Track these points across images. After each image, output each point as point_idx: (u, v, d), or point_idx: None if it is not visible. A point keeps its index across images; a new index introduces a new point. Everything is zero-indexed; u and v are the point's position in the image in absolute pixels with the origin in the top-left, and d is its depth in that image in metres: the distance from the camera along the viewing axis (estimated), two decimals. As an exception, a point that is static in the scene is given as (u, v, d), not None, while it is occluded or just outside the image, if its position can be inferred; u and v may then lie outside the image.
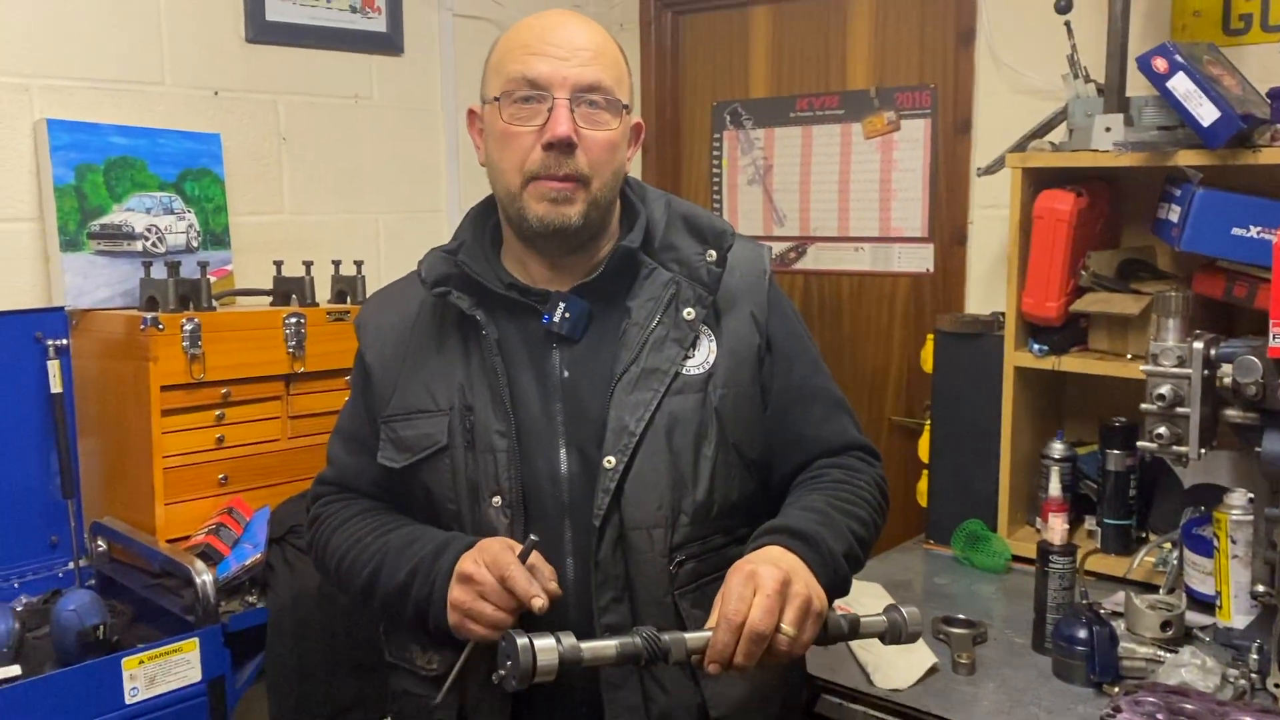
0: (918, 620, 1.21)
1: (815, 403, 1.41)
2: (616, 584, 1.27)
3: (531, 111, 1.28)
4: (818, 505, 1.30)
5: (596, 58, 1.30)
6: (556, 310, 1.32)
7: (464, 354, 1.35)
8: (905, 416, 2.84)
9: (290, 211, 2.61)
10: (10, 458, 2.11)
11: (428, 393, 1.35)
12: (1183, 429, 1.70)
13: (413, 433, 1.36)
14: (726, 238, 1.37)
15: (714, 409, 1.31)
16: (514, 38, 1.32)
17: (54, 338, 2.13)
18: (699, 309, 1.33)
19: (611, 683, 1.27)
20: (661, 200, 1.42)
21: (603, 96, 1.29)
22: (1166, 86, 1.86)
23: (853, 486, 1.35)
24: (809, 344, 1.45)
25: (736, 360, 1.35)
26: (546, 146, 1.27)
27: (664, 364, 1.31)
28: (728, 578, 1.14)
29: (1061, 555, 1.78)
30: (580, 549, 1.28)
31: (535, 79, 1.27)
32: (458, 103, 2.92)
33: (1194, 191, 1.90)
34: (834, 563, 1.23)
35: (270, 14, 2.52)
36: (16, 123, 2.14)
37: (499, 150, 1.32)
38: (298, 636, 1.94)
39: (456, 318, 1.36)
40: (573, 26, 1.32)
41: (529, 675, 1.06)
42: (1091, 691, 1.64)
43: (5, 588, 2.08)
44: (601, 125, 1.30)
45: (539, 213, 1.29)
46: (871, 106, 2.84)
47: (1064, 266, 2.10)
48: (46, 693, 1.68)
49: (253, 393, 2.16)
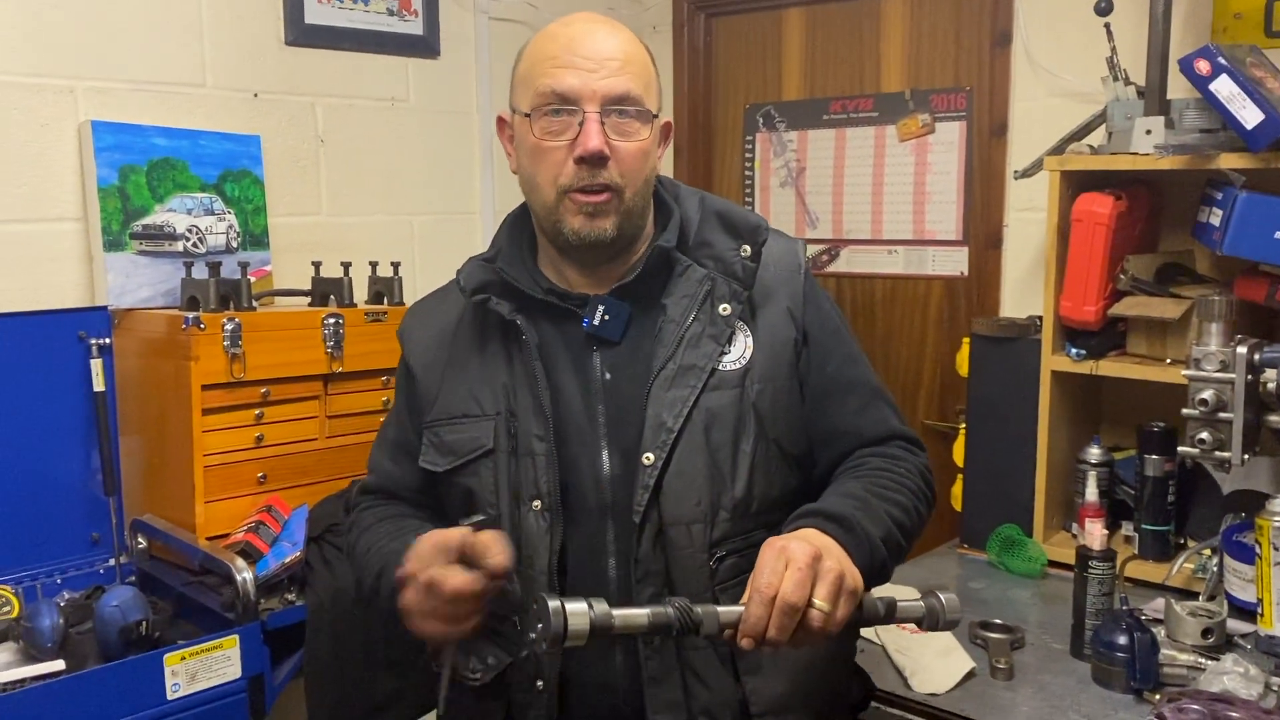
0: (957, 607, 1.18)
1: (852, 394, 1.40)
2: (656, 580, 1.27)
3: (562, 125, 1.29)
4: (855, 491, 1.29)
5: (624, 67, 1.30)
6: (596, 313, 1.33)
7: (506, 359, 1.36)
8: (938, 420, 2.83)
9: (328, 213, 2.63)
10: (53, 455, 2.14)
11: (472, 398, 1.37)
12: (1225, 434, 1.69)
13: (457, 437, 1.37)
14: (761, 232, 1.37)
15: (751, 404, 1.32)
16: (541, 49, 1.32)
17: (97, 337, 2.16)
18: (734, 304, 1.34)
19: (653, 678, 1.28)
20: (695, 198, 1.42)
21: (633, 106, 1.30)
22: (1209, 89, 1.85)
23: (893, 474, 1.34)
24: (846, 336, 1.44)
25: (773, 355, 1.35)
26: (579, 160, 1.28)
27: (700, 360, 1.31)
28: (760, 554, 1.12)
29: (1101, 561, 1.77)
30: (620, 547, 1.29)
31: (565, 93, 1.28)
32: (492, 105, 2.94)
33: (1236, 195, 1.88)
34: (870, 546, 1.21)
35: (309, 17, 2.54)
36: (62, 124, 2.16)
37: (532, 164, 1.33)
38: (336, 634, 1.95)
39: (497, 323, 1.37)
40: (600, 35, 1.31)
41: (559, 639, 1.04)
42: (1131, 698, 1.63)
43: (48, 583, 2.11)
44: (632, 135, 1.30)
45: (575, 226, 1.31)
46: (906, 109, 2.83)
47: (1102, 270, 2.09)
48: (90, 688, 1.70)
49: (291, 392, 2.17)
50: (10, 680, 1.74)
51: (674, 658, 1.28)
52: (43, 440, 2.12)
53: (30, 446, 2.11)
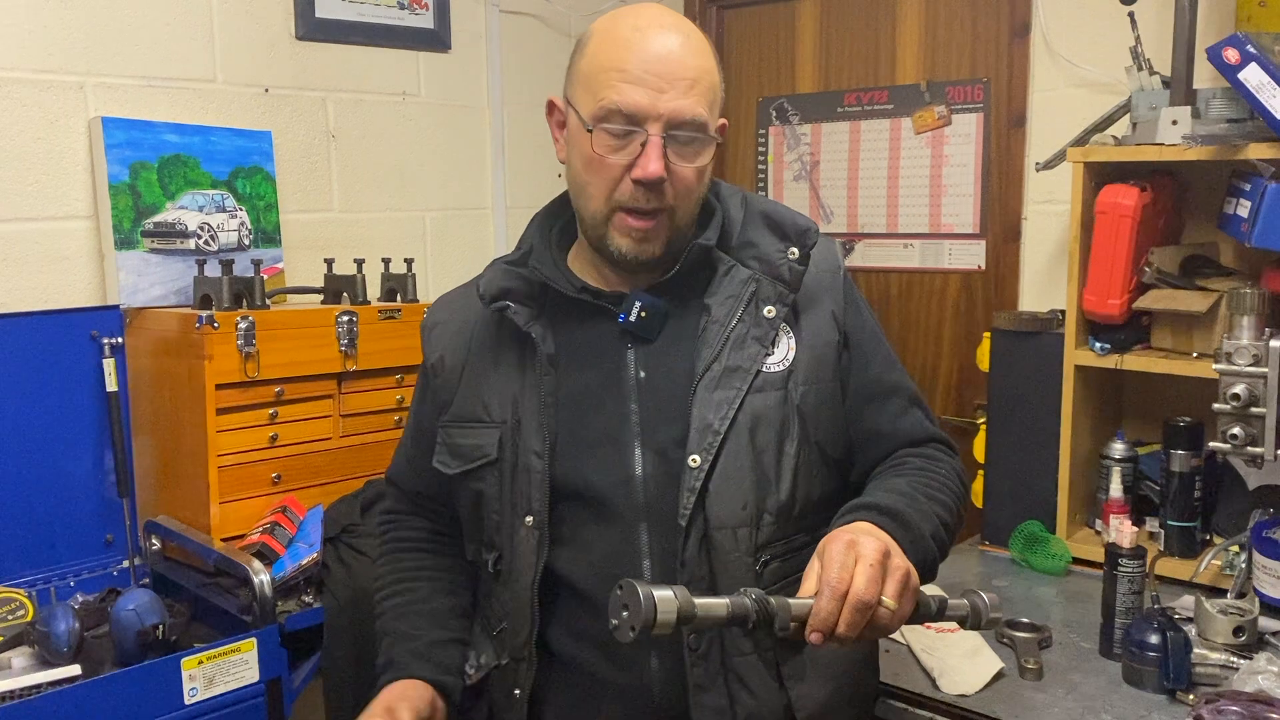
0: (997, 605, 1.18)
1: (892, 398, 1.38)
2: (701, 585, 1.25)
3: (623, 139, 1.24)
4: (902, 488, 1.27)
5: (693, 86, 1.24)
6: (632, 309, 1.31)
7: (519, 368, 1.35)
8: (956, 415, 2.80)
9: (340, 209, 2.60)
10: (66, 456, 2.12)
11: (482, 404, 1.36)
12: (1258, 430, 1.66)
13: (466, 441, 1.37)
14: (810, 236, 1.35)
15: (795, 406, 1.30)
16: (608, 54, 1.25)
17: (109, 336, 2.14)
18: (780, 307, 1.32)
19: (698, 685, 1.26)
20: (737, 196, 1.40)
21: (698, 131, 1.26)
22: (1238, 78, 1.82)
23: (934, 474, 1.32)
24: (883, 340, 1.43)
25: (816, 357, 1.33)
26: (636, 181, 1.25)
27: (745, 362, 1.29)
28: (824, 546, 1.08)
29: (1131, 558, 1.74)
30: (660, 550, 1.27)
31: (632, 113, 1.23)
32: (504, 99, 2.91)
33: (1266, 185, 1.85)
34: (923, 543, 1.20)
35: (320, 11, 2.51)
36: (72, 121, 2.14)
37: (586, 173, 1.28)
38: (354, 636, 1.93)
39: (514, 330, 1.35)
40: (672, 48, 1.24)
41: (649, 626, 1.00)
42: (1164, 699, 1.60)
43: (62, 586, 2.09)
44: (693, 159, 1.27)
45: (622, 247, 1.29)
46: (922, 101, 2.80)
47: (1127, 263, 2.06)
48: (107, 693, 1.68)
49: (305, 391, 2.15)
50: (26, 686, 1.71)
51: (719, 664, 1.26)
52: (55, 441, 2.10)
53: (43, 448, 2.09)
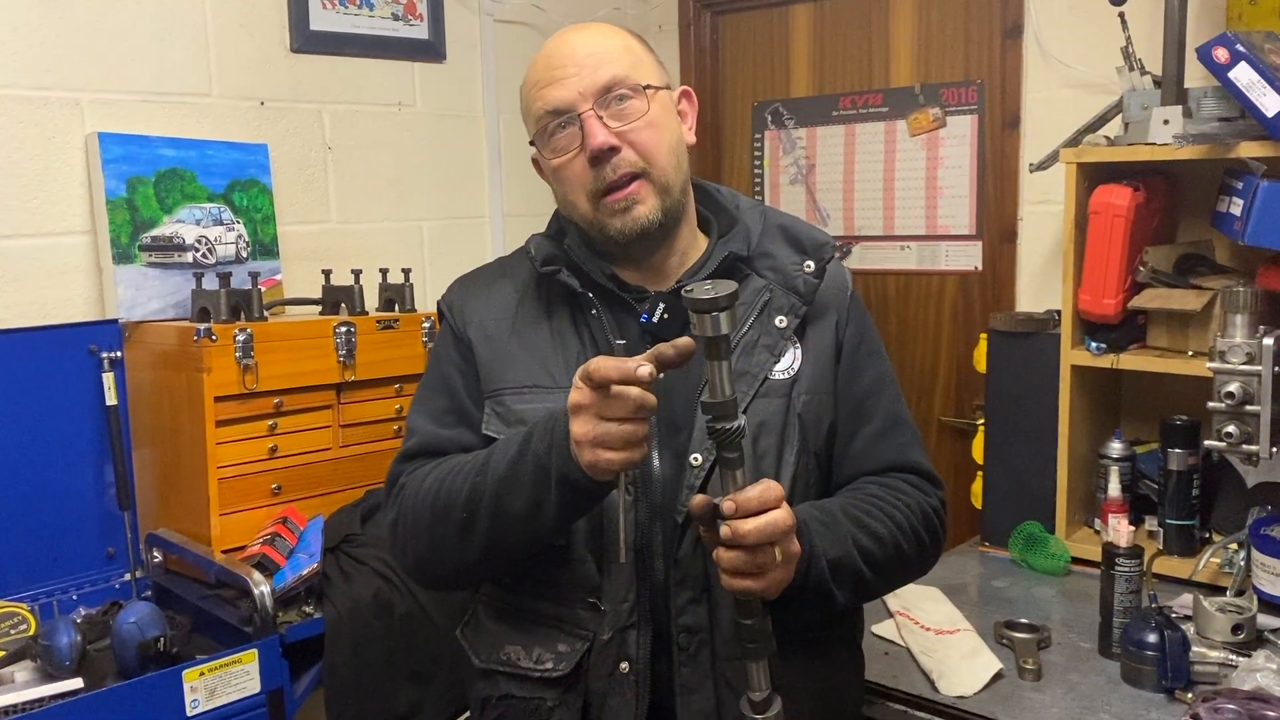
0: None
1: (874, 417, 1.38)
2: (695, 584, 1.26)
3: (569, 138, 1.31)
4: (828, 506, 1.28)
5: (602, 58, 1.31)
6: (656, 310, 1.32)
7: (576, 332, 1.35)
8: (955, 417, 2.81)
9: (337, 220, 2.61)
10: (67, 470, 2.12)
11: (544, 369, 1.34)
12: (1253, 427, 1.67)
13: (528, 406, 1.32)
14: (827, 250, 1.37)
15: (797, 415, 1.32)
16: (529, 78, 1.36)
17: (108, 350, 2.15)
18: (791, 318, 1.34)
19: (686, 686, 1.27)
20: (756, 210, 1.43)
21: (622, 88, 1.30)
22: (1228, 77, 1.82)
23: (884, 504, 1.31)
24: (881, 361, 1.43)
25: (819, 368, 1.35)
26: (593, 161, 1.29)
27: (753, 368, 1.31)
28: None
29: (1129, 557, 1.75)
30: (668, 551, 1.28)
31: (557, 107, 1.30)
32: (499, 108, 2.92)
33: (1257, 184, 1.86)
34: (810, 558, 1.19)
35: (314, 23, 2.52)
36: (69, 136, 2.15)
37: (561, 185, 1.35)
38: (355, 646, 1.93)
39: (564, 297, 1.36)
40: (572, 40, 1.33)
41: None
42: (1163, 698, 1.61)
43: (64, 600, 2.09)
44: (633, 115, 1.30)
45: (617, 225, 1.31)
46: (916, 103, 2.81)
47: (1121, 262, 2.06)
48: (109, 706, 1.69)
49: (304, 402, 2.16)
50: (28, 700, 1.72)
51: (708, 667, 1.27)
52: (56, 455, 2.11)
53: (43, 462, 2.10)
